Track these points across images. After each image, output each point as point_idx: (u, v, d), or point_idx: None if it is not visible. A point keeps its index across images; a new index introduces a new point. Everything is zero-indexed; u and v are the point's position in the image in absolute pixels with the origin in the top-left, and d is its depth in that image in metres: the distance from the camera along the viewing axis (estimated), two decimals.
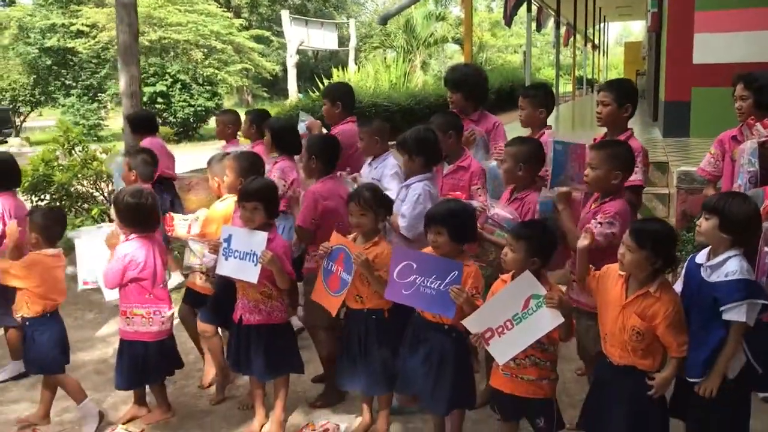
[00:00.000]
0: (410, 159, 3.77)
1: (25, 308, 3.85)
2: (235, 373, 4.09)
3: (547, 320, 2.84)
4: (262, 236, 3.50)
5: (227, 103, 29.82)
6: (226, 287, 3.83)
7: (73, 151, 7.46)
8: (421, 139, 3.78)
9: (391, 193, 3.85)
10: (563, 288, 3.22)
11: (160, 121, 19.19)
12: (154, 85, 21.33)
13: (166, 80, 21.75)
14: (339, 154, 4.12)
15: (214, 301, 4.11)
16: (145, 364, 3.75)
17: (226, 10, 26.62)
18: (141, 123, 6.25)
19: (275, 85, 35.95)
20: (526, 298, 2.87)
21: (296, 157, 4.56)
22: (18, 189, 5.14)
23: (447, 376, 3.19)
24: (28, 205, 5.47)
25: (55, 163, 7.33)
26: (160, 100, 21.53)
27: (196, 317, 4.24)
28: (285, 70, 29.88)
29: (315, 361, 4.25)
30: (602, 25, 30.25)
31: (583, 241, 2.99)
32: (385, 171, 4.16)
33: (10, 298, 4.41)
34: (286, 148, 4.60)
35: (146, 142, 5.47)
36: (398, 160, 4.16)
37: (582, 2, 20.26)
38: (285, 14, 24.01)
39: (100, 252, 3.84)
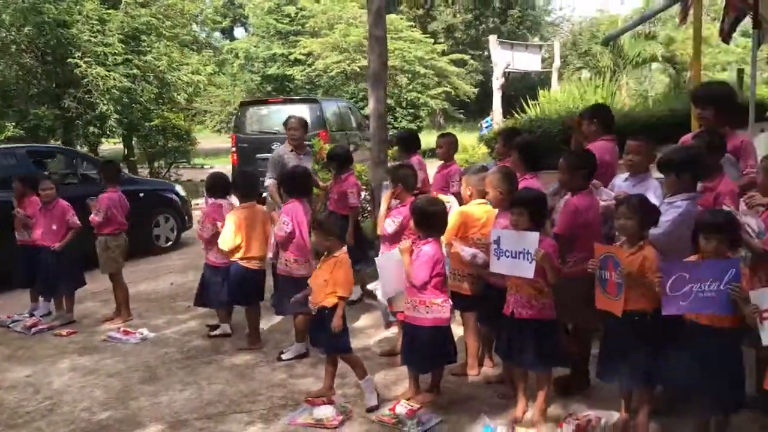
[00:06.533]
0: (677, 178, 3.97)
1: (325, 301, 4.50)
2: (507, 364, 4.45)
3: None
4: (535, 236, 3.89)
5: None
6: None
7: None
8: (688, 159, 4.00)
9: None
10: None
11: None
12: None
13: None
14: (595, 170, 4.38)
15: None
16: (434, 348, 4.31)
17: (426, 36, 27.83)
18: (410, 141, 6.78)
19: (468, 107, 36.69)
20: None
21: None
22: None
23: (722, 376, 3.39)
24: None
25: None
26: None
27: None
28: (481, 93, 30.53)
29: None
30: None
31: None
32: (648, 194, 4.12)
33: (300, 289, 5.21)
34: (534, 165, 4.92)
35: (414, 160, 6.10)
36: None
37: None
38: (493, 39, 24.72)
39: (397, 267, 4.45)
